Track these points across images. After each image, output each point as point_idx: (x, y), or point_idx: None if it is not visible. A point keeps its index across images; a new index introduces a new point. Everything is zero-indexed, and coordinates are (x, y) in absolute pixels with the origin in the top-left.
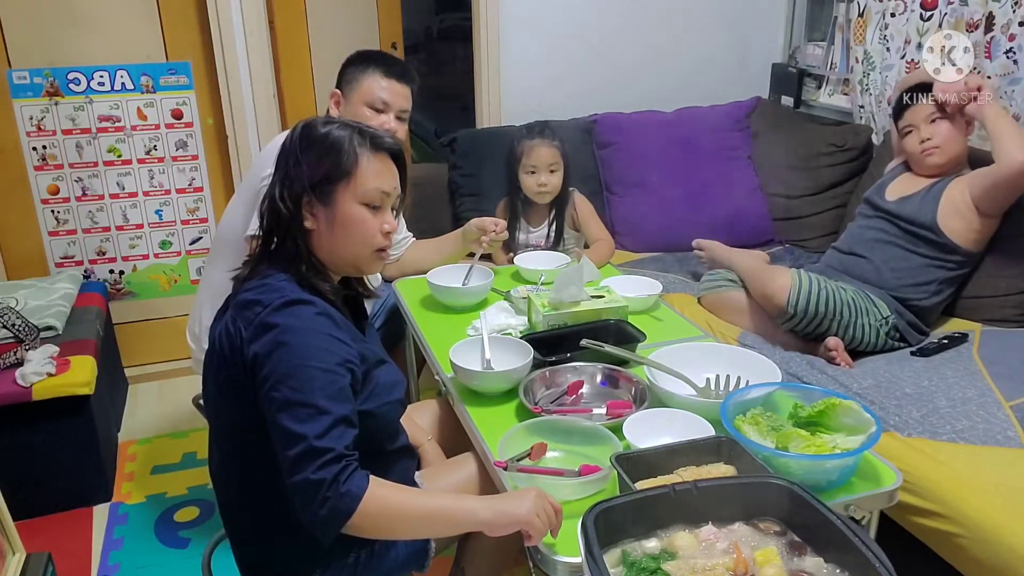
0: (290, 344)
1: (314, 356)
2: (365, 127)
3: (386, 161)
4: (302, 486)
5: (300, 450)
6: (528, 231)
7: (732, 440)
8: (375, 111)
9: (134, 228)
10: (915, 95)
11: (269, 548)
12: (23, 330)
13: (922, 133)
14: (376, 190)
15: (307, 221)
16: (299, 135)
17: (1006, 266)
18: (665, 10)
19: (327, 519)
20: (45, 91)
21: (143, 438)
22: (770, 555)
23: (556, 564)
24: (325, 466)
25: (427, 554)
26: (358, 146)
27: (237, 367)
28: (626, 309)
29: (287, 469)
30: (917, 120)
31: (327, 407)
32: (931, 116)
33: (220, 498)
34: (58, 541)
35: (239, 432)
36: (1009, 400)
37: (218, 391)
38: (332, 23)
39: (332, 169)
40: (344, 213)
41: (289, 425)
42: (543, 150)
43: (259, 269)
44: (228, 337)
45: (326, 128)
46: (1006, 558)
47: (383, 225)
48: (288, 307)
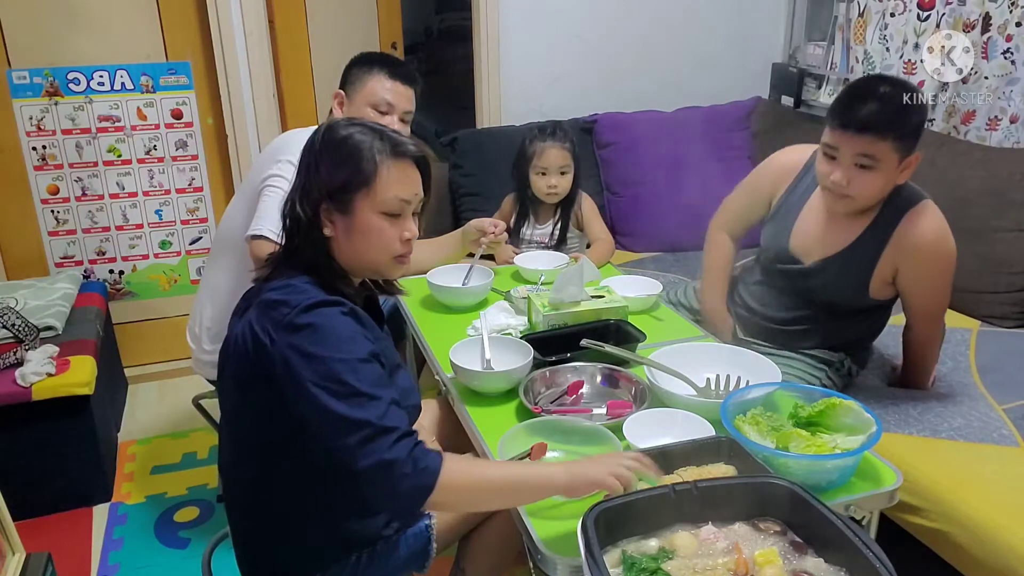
0: (324, 342)
1: (349, 350)
2: (388, 131)
3: (407, 168)
4: (377, 468)
5: (366, 434)
6: (534, 227)
7: (732, 440)
8: (379, 113)
9: (134, 228)
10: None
11: (272, 548)
12: (23, 330)
13: (840, 173)
14: (396, 199)
15: (326, 228)
16: (321, 138)
17: (1006, 264)
18: (665, 10)
19: (409, 496)
20: (45, 91)
21: (143, 438)
22: (770, 555)
23: (556, 564)
24: (397, 443)
25: (428, 554)
26: (378, 153)
27: (261, 366)
28: (626, 309)
29: (352, 457)
30: (843, 152)
31: (376, 392)
32: (859, 160)
33: (228, 494)
34: (58, 541)
35: (256, 428)
36: (1001, 404)
37: (236, 387)
38: (332, 23)
39: (351, 177)
40: (362, 222)
41: (347, 413)
42: (554, 152)
43: (281, 270)
44: (252, 336)
45: (347, 131)
46: (1005, 557)
47: (403, 233)
48: (316, 308)
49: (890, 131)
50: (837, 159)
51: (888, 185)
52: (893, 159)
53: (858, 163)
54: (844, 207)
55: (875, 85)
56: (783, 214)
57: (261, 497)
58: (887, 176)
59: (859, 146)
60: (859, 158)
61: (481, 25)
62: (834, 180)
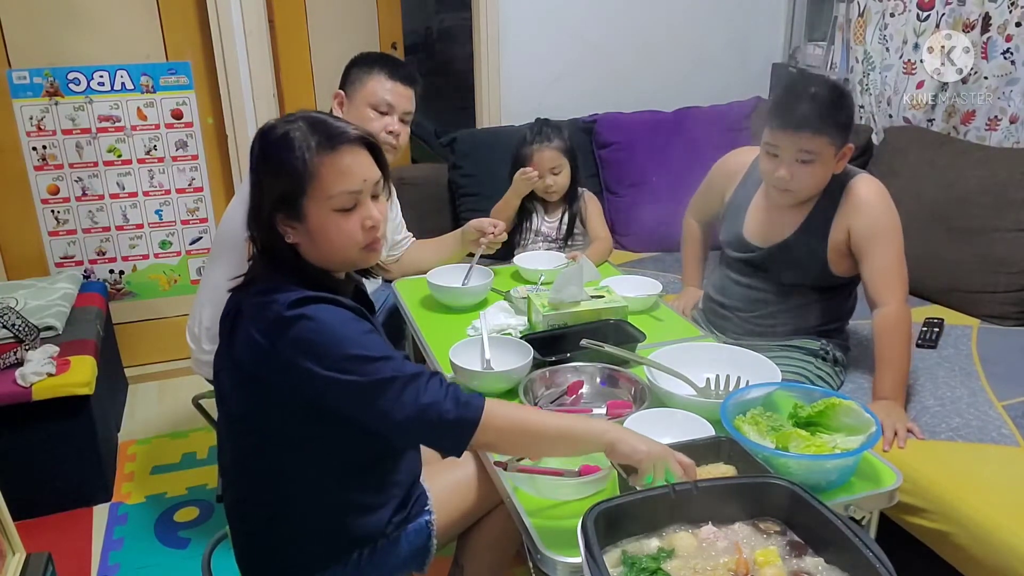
0: (321, 329)
1: (346, 331)
2: (322, 121)
3: (348, 156)
4: (418, 413)
5: (395, 389)
6: (543, 219)
7: (732, 440)
8: (379, 113)
9: (134, 228)
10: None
11: (272, 547)
12: (23, 330)
13: (783, 168)
14: (343, 193)
15: (288, 237)
16: (258, 147)
17: (1006, 264)
18: (665, 10)
19: (456, 431)
20: (45, 91)
21: (143, 438)
22: (770, 555)
23: (556, 564)
24: (428, 384)
25: (428, 551)
26: (310, 152)
27: (259, 366)
28: (626, 309)
29: (390, 416)
30: (784, 149)
31: (388, 353)
32: (800, 156)
33: (229, 494)
34: (58, 541)
35: (258, 428)
36: (1002, 400)
37: (235, 388)
38: (332, 23)
39: (290, 185)
40: (318, 225)
41: (367, 379)
42: (544, 154)
43: (264, 275)
44: (248, 338)
45: (280, 132)
46: (1005, 557)
47: (364, 222)
48: (304, 303)
49: (824, 126)
50: (779, 156)
51: (827, 176)
52: (830, 151)
53: (799, 158)
54: (787, 200)
55: (806, 86)
56: (735, 209)
57: (263, 497)
58: (826, 168)
59: (798, 143)
60: (799, 153)
61: (481, 25)
62: (778, 176)
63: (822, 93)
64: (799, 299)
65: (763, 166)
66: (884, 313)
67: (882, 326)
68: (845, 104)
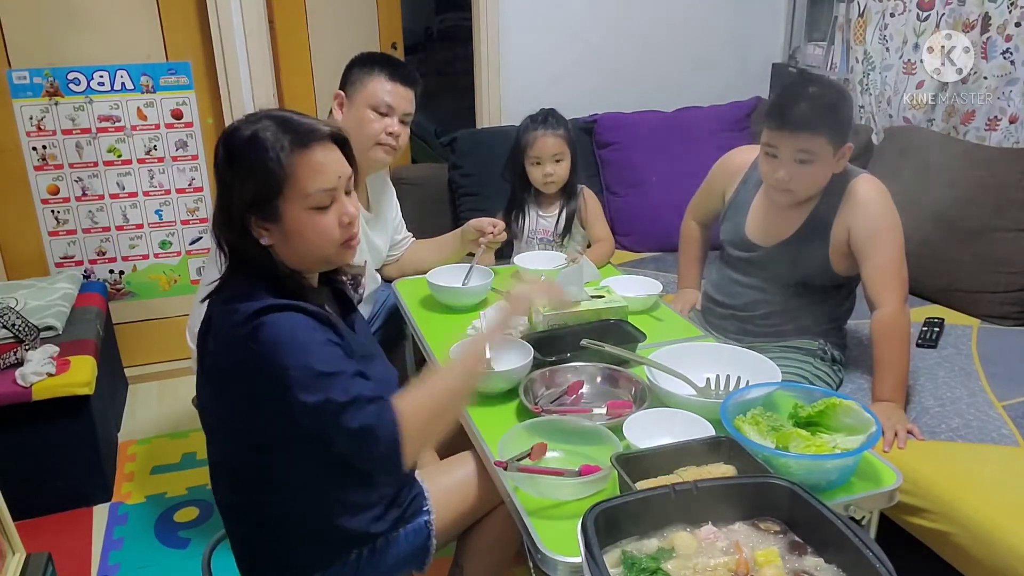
0: (277, 342)
1: (302, 338)
2: (289, 119)
3: (321, 153)
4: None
5: (330, 412)
6: (539, 216)
7: (732, 440)
8: (379, 114)
9: (134, 228)
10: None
11: (268, 548)
12: (23, 330)
13: (783, 169)
14: (319, 192)
15: (262, 239)
16: (224, 149)
17: (1006, 264)
18: (665, 10)
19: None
20: (45, 91)
21: (143, 438)
22: (770, 555)
23: (556, 564)
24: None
25: (428, 551)
26: (283, 152)
27: (231, 372)
28: (626, 309)
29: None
30: (783, 150)
31: (335, 369)
32: (798, 156)
33: (220, 499)
34: (58, 541)
35: (236, 434)
36: (1002, 400)
37: (212, 397)
38: (332, 23)
39: (265, 187)
40: (294, 224)
41: (307, 399)
42: (547, 140)
43: (233, 281)
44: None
45: (247, 132)
46: (1005, 557)
47: (341, 218)
48: (265, 312)
49: (821, 126)
50: (778, 157)
51: (827, 175)
52: (828, 151)
53: (798, 159)
54: (787, 200)
55: (804, 86)
56: (736, 208)
57: (252, 500)
58: (825, 168)
59: (797, 143)
60: (798, 154)
61: (481, 25)
62: (778, 177)
63: (818, 93)
64: (799, 298)
65: (763, 167)
66: (882, 316)
67: (880, 330)
68: (842, 103)
